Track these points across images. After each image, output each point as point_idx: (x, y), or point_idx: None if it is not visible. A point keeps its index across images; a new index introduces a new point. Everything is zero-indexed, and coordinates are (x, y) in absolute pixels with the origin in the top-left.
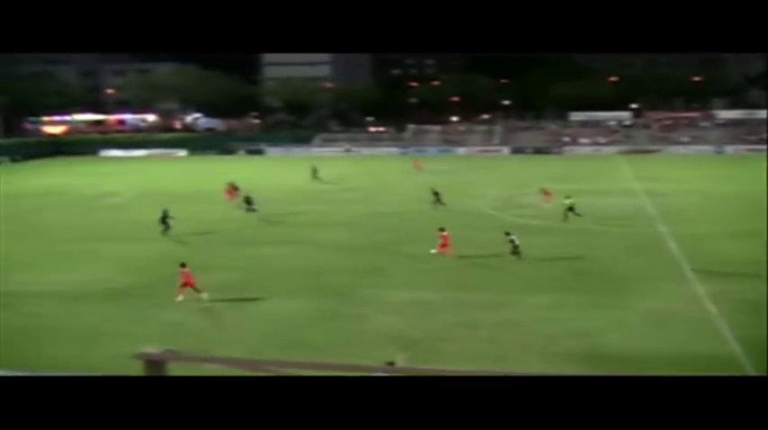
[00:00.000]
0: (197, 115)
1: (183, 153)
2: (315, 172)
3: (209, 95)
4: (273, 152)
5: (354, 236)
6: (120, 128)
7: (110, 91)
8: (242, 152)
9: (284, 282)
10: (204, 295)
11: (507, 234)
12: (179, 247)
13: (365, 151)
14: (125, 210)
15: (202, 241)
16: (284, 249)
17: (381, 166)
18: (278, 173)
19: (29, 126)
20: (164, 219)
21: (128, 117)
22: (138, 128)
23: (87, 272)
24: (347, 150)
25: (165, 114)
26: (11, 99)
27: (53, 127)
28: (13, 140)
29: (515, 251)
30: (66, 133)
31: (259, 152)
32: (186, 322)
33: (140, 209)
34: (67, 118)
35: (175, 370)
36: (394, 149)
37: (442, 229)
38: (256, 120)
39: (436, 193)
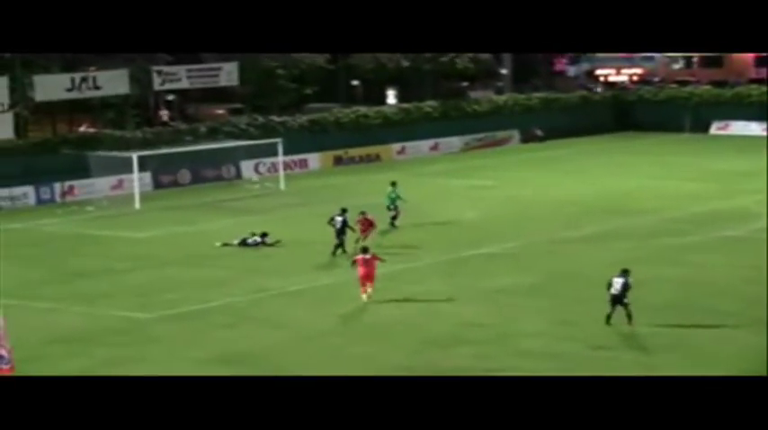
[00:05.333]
0: None
1: None
2: None
3: None
4: None
5: None
6: None
7: None
8: None
9: None
10: (365, 296)
11: None
12: None
13: None
14: None
15: None
16: None
17: None
18: None
19: (567, 68)
20: (342, 227)
21: None
22: None
23: None
24: None
25: None
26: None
27: (615, 71)
28: (529, 97)
29: None
30: (638, 82)
31: None
32: None
33: None
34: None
35: None
36: None
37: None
38: None
39: None
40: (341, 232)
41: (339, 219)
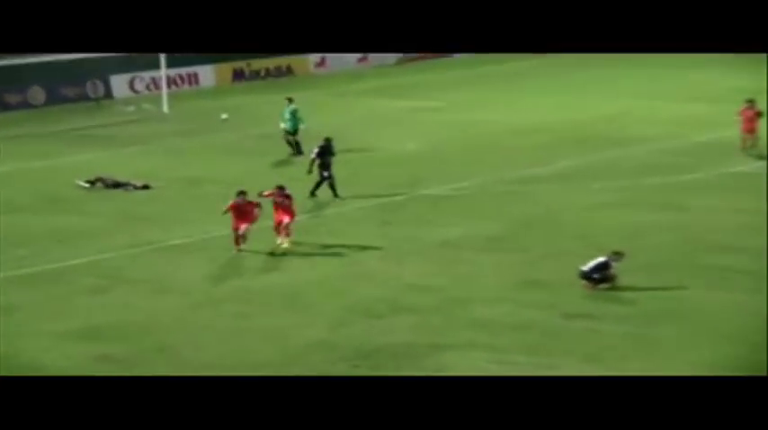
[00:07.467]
0: None
1: None
2: None
3: None
4: None
5: None
6: None
7: None
8: None
9: None
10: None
11: None
12: None
13: None
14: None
15: None
16: None
17: None
18: None
19: None
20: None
21: None
22: None
23: None
24: None
25: None
26: None
27: None
28: None
29: None
30: None
31: None
32: None
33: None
34: None
35: None
36: None
37: None
38: None
39: None
40: (323, 165)
41: (315, 151)
